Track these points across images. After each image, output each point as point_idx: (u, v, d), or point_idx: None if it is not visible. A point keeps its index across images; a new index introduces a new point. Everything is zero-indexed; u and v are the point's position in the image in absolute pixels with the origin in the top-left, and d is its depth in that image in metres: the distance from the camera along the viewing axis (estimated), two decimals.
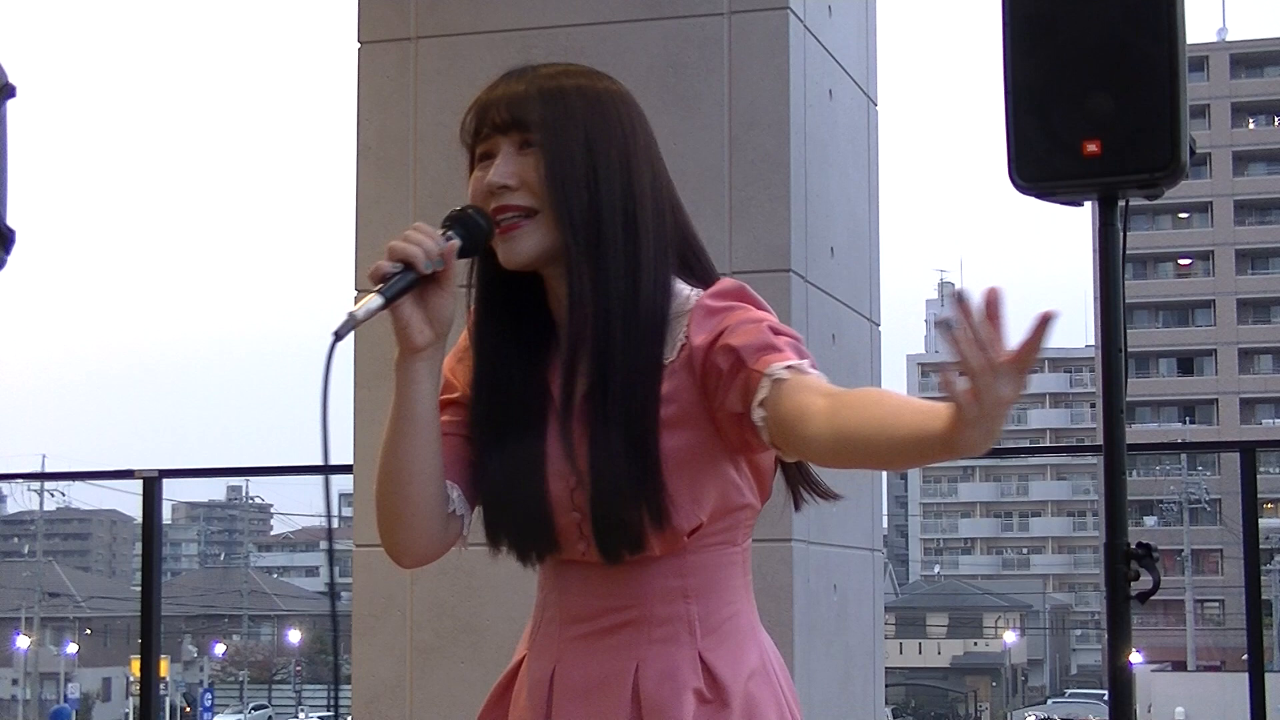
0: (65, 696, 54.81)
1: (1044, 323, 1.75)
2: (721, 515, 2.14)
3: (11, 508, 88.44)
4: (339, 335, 1.96)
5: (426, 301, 2.06)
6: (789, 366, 1.99)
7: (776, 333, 2.05)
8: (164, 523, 7.33)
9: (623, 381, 2.08)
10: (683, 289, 2.14)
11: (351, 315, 1.97)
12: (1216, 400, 79.08)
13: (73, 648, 62.32)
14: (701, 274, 2.18)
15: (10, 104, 2.84)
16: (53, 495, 62.43)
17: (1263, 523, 9.22)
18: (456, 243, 2.09)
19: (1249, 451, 5.81)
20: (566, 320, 2.13)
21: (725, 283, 2.14)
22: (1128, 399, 4.06)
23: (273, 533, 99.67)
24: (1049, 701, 60.84)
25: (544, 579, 2.21)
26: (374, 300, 2.00)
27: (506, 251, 2.13)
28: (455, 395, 2.19)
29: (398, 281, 2.02)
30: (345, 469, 4.18)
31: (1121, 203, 4.01)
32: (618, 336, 2.09)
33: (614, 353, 2.09)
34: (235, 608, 69.58)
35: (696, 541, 2.13)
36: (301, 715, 59.32)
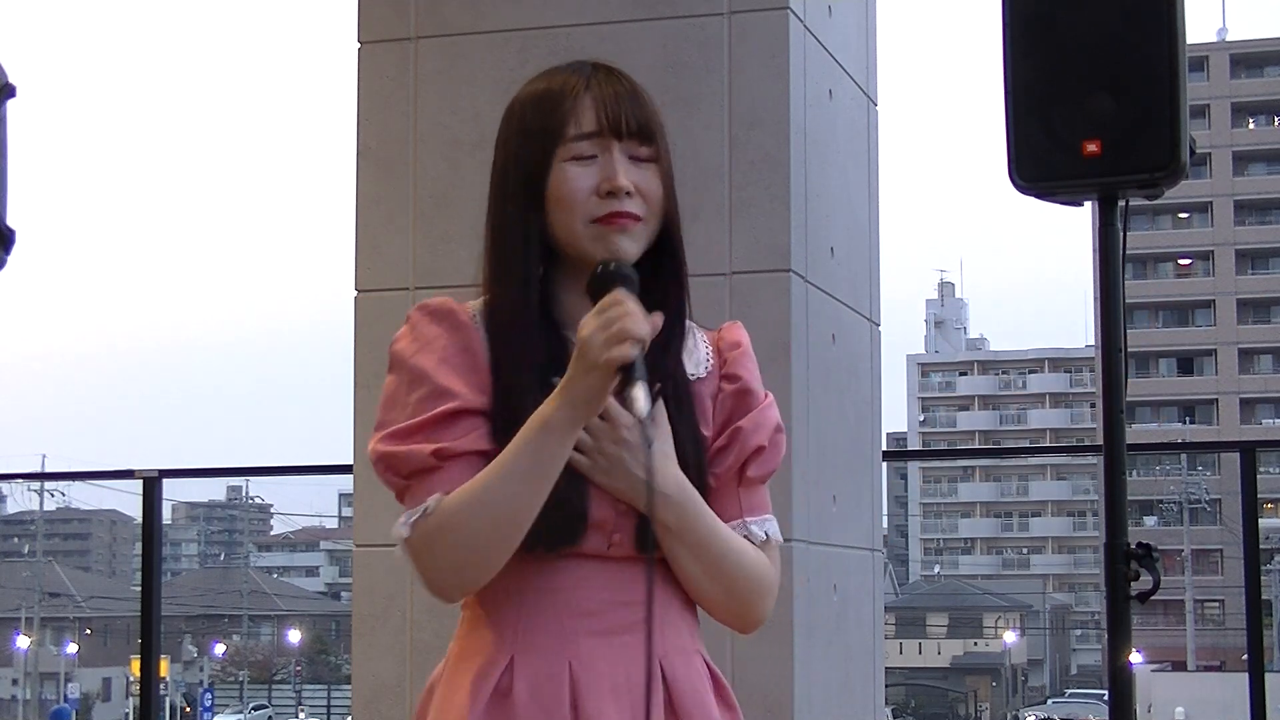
0: (65, 696, 54.81)
1: None
2: None
3: (11, 508, 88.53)
4: (647, 427, 2.04)
5: None
6: (767, 533, 2.22)
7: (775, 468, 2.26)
8: (164, 523, 7.33)
9: (681, 386, 2.19)
10: None
11: (639, 406, 1.98)
12: (1216, 400, 79.09)
13: (73, 648, 62.33)
14: None
15: (10, 104, 2.84)
16: (53, 495, 62.51)
17: (1263, 523, 9.21)
18: (660, 318, 2.05)
19: (1249, 451, 5.81)
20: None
21: (745, 334, 2.29)
22: (1128, 399, 4.06)
23: (273, 533, 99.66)
24: (1049, 701, 60.84)
25: (519, 576, 2.13)
26: (644, 391, 1.98)
27: (618, 247, 2.14)
28: (478, 405, 2.13)
29: (642, 365, 2.00)
30: (345, 469, 4.18)
31: (1121, 203, 4.01)
32: (680, 341, 2.20)
33: (677, 357, 2.20)
34: (235, 608, 69.57)
35: None
36: (301, 715, 59.35)
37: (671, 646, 2.15)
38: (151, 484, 6.19)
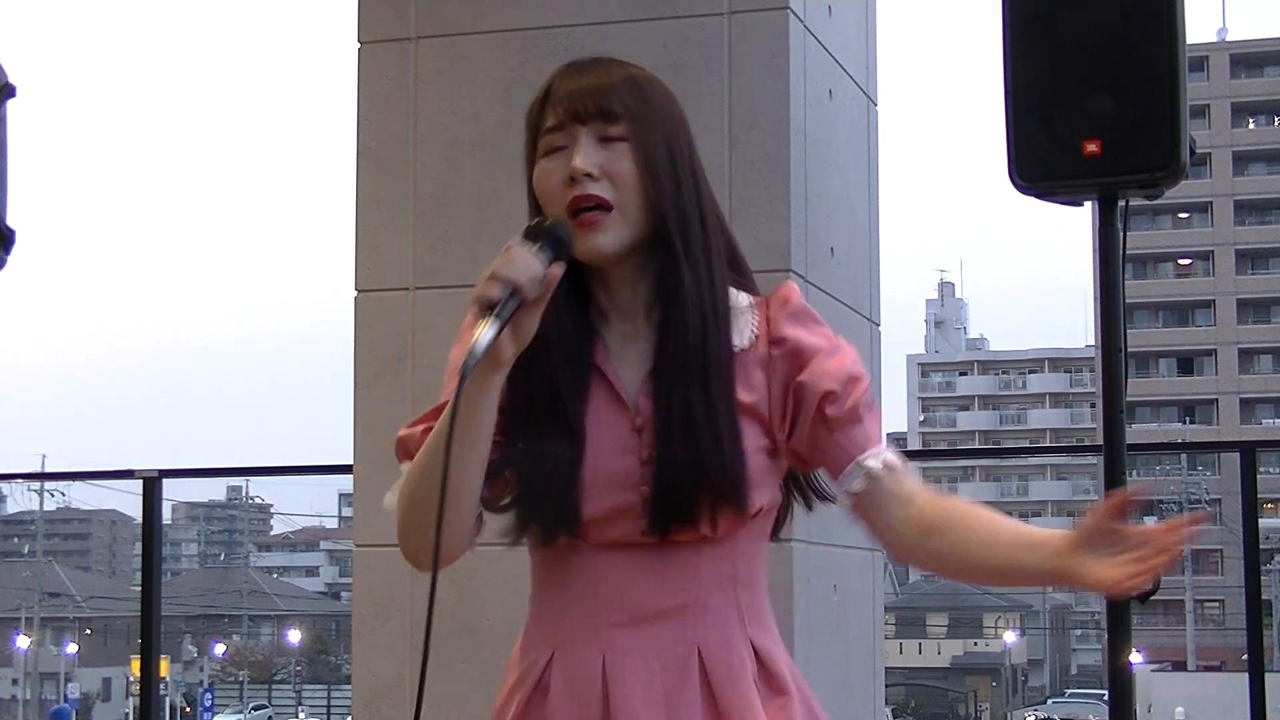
0: (65, 696, 54.79)
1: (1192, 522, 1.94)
2: (771, 506, 2.18)
3: (11, 508, 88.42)
4: (465, 372, 1.96)
5: (515, 321, 2.02)
6: (884, 462, 2.14)
7: (867, 404, 2.20)
8: (164, 523, 7.33)
9: (712, 366, 2.14)
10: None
11: (473, 351, 1.96)
12: (1216, 400, 79.06)
13: (73, 648, 62.30)
14: (739, 266, 2.26)
15: (10, 104, 2.84)
16: (53, 495, 62.47)
17: (1263, 523, 9.21)
18: (560, 270, 2.04)
19: (1249, 451, 5.80)
20: (630, 302, 2.17)
21: (795, 290, 2.25)
22: (1128, 399, 4.06)
23: (273, 533, 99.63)
24: (1049, 701, 60.80)
25: (560, 570, 2.16)
26: (489, 331, 1.98)
27: (589, 244, 2.12)
28: None
29: (507, 307, 2.00)
30: (345, 469, 4.18)
31: (1121, 203, 4.02)
32: (708, 325, 2.15)
33: (706, 340, 2.14)
34: (235, 608, 69.55)
35: (749, 529, 2.16)
36: (301, 715, 59.34)
37: (711, 634, 2.12)
38: (151, 484, 6.18)
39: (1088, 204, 4.10)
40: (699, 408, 2.12)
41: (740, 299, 2.23)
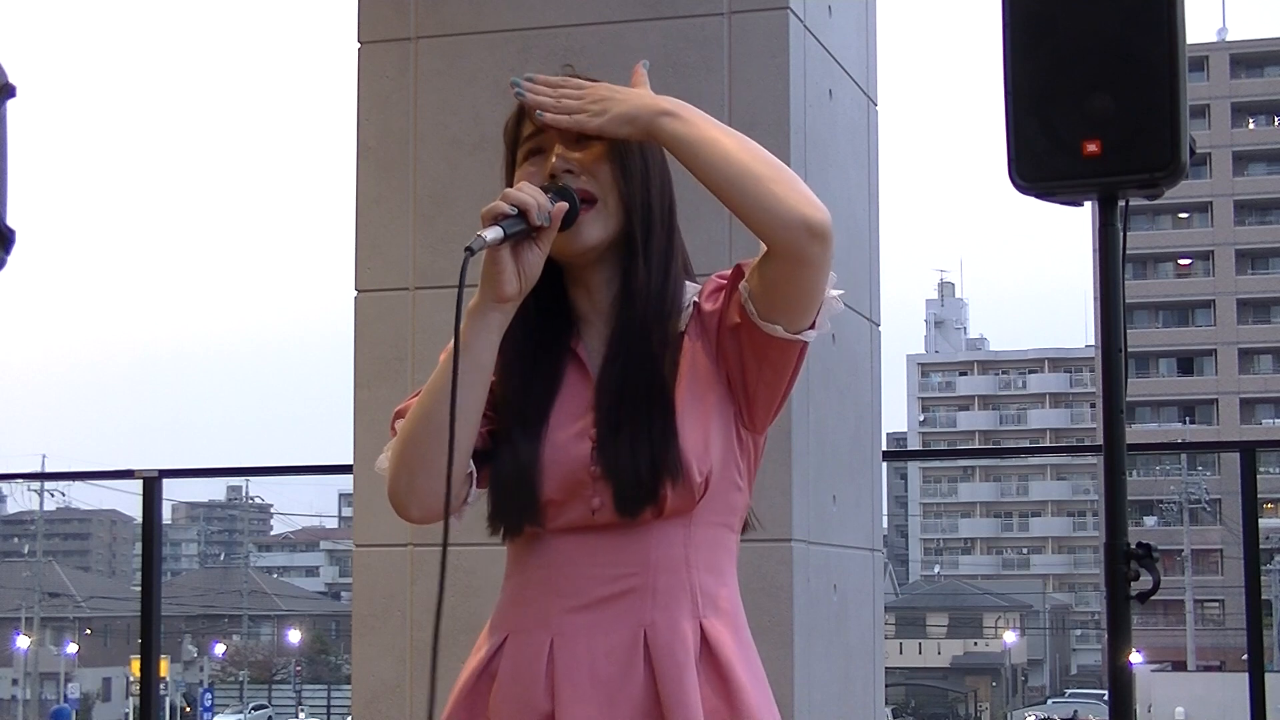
0: (65, 696, 54.78)
1: None
2: (724, 487, 2.20)
3: (11, 508, 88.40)
4: (472, 251, 2.04)
5: (520, 255, 2.11)
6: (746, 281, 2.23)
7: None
8: (164, 523, 7.33)
9: (653, 355, 2.20)
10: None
11: (480, 237, 2.05)
12: (1216, 400, 79.05)
13: (73, 648, 62.26)
14: (688, 271, 2.34)
15: (10, 104, 2.84)
16: (53, 495, 62.39)
17: (1263, 523, 9.21)
18: (565, 205, 2.13)
19: (1249, 451, 5.81)
20: (606, 303, 2.23)
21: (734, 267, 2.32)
22: (1128, 399, 4.05)
23: (273, 533, 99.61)
24: (1049, 701, 60.79)
25: (523, 558, 2.22)
26: (496, 231, 2.07)
27: (572, 236, 2.18)
28: None
29: (513, 224, 2.08)
30: (345, 469, 4.18)
31: (1121, 203, 4.01)
32: (658, 319, 2.22)
33: (651, 332, 2.20)
34: (235, 608, 69.53)
35: (701, 515, 2.18)
36: (301, 715, 59.34)
37: (658, 616, 2.15)
38: (151, 484, 6.19)
39: (1088, 204, 4.10)
40: (638, 395, 2.17)
41: (691, 290, 2.30)
